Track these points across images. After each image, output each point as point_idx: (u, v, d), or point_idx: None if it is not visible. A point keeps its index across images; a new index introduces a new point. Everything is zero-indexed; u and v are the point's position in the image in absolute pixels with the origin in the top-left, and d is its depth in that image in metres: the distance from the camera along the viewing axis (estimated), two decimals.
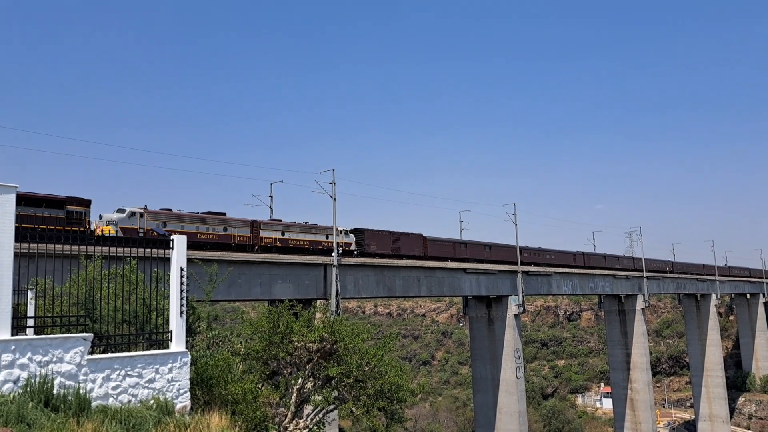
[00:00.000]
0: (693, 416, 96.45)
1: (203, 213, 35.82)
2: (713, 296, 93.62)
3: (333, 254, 38.70)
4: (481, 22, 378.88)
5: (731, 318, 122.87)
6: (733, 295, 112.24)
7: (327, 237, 41.00)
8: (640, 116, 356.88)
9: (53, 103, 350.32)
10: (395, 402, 14.95)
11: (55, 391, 9.48)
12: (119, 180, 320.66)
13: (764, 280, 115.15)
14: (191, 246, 21.15)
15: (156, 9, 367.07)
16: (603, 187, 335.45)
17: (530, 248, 61.26)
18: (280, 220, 40.33)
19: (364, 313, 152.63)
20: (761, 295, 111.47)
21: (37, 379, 9.43)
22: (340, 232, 41.52)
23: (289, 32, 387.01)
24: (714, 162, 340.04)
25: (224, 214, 36.46)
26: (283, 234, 38.90)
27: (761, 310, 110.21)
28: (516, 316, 54.91)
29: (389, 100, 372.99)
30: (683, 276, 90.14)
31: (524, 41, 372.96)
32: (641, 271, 77.70)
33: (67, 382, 9.78)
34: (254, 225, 37.67)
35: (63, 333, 10.17)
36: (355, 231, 43.90)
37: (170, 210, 34.02)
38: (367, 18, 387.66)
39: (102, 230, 29.91)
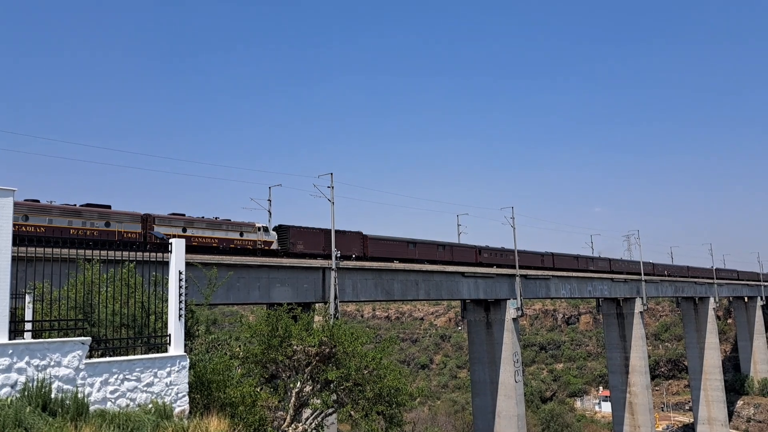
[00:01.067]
0: (692, 419, 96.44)
1: (81, 206, 31.47)
2: (711, 299, 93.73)
3: (332, 258, 38.70)
4: (478, 28, 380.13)
5: (729, 321, 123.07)
6: (731, 298, 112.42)
7: (242, 234, 37.45)
8: (637, 120, 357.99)
9: (56, 109, 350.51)
10: (394, 406, 14.93)
11: (52, 396, 9.45)
12: (118, 185, 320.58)
13: (762, 283, 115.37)
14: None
15: (159, 15, 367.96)
16: (601, 191, 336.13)
17: (491, 248, 55.91)
18: (183, 215, 36.19)
19: (362, 316, 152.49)
20: (759, 298, 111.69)
21: (35, 383, 9.39)
22: (258, 229, 38.21)
23: (288, 39, 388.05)
24: (712, 165, 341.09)
25: (108, 207, 32.40)
26: (184, 230, 34.80)
27: (759, 313, 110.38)
28: (514, 319, 54.89)
29: (388, 106, 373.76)
30: (681, 279, 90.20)
31: (523, 45, 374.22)
32: (617, 273, 75.06)
33: (65, 386, 9.74)
34: (147, 220, 33.37)
35: (61, 337, 10.14)
36: (279, 228, 39.49)
37: (37, 201, 29.85)
38: (366, 25, 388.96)
39: None
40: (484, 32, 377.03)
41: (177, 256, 11.49)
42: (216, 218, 37.62)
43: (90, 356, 10.23)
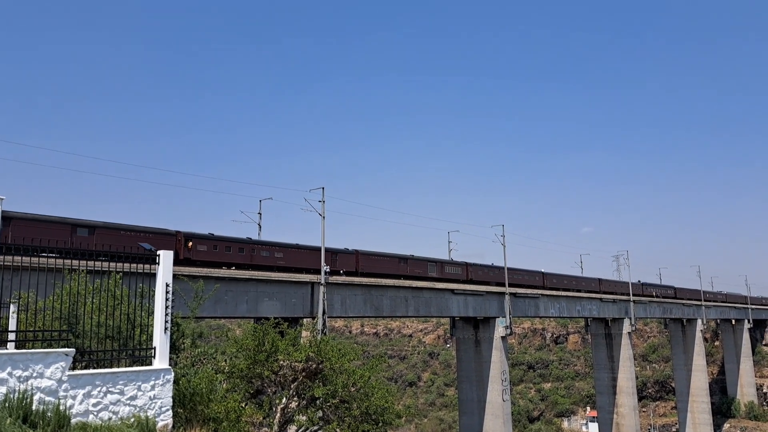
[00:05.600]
0: None
1: None
2: (699, 321, 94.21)
3: (321, 273, 38.63)
4: (469, 41, 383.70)
5: (717, 343, 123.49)
6: (718, 320, 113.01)
7: None
8: (627, 140, 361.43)
9: (37, 113, 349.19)
10: (380, 424, 14.83)
11: (34, 407, 9.32)
12: (105, 194, 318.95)
13: (749, 306, 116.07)
14: None
15: (146, 18, 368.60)
16: (589, 210, 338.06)
17: (267, 243, 40.67)
18: None
19: (350, 332, 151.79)
20: (746, 321, 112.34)
21: (17, 394, 9.26)
22: None
23: (281, 46, 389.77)
24: (701, 187, 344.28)
25: None
26: None
27: (746, 335, 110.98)
28: (503, 338, 54.90)
29: (380, 118, 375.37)
30: (670, 300, 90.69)
31: (511, 60, 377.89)
32: (480, 283, 58.64)
33: (47, 398, 9.61)
34: None
35: (45, 348, 10.02)
36: None
37: None
38: (359, 32, 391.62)
39: None
40: (473, 50, 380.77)
41: (164, 268, 11.44)
42: None
43: (74, 368, 10.11)
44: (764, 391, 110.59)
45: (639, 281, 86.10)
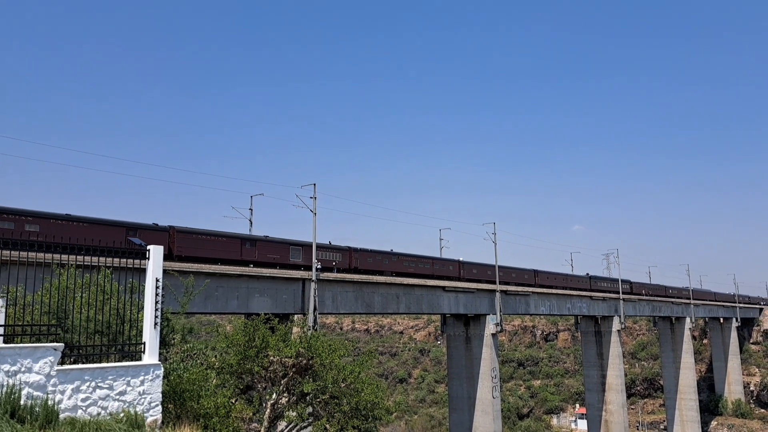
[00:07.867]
0: None
1: None
2: (688, 320, 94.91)
3: (312, 269, 38.61)
4: (460, 39, 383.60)
5: (705, 341, 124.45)
6: (707, 318, 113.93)
7: None
8: (620, 138, 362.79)
9: (30, 109, 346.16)
10: (370, 420, 14.86)
11: (22, 402, 9.28)
12: (95, 190, 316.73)
13: (737, 304, 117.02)
14: None
15: (140, 17, 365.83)
16: (580, 209, 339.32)
17: (68, 218, 30.91)
18: None
19: (341, 329, 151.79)
20: (734, 319, 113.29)
21: (4, 389, 9.21)
22: None
23: (275, 46, 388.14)
24: (692, 186, 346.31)
25: None
26: None
27: (734, 334, 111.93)
28: (493, 335, 55.07)
29: (373, 117, 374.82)
30: (659, 299, 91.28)
31: (504, 59, 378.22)
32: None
33: (35, 393, 9.57)
34: None
35: (33, 342, 9.97)
36: None
37: None
38: (353, 33, 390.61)
39: None
40: (466, 48, 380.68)
41: (154, 263, 11.39)
42: None
43: (62, 363, 10.06)
44: (751, 389, 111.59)
45: (587, 274, 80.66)
